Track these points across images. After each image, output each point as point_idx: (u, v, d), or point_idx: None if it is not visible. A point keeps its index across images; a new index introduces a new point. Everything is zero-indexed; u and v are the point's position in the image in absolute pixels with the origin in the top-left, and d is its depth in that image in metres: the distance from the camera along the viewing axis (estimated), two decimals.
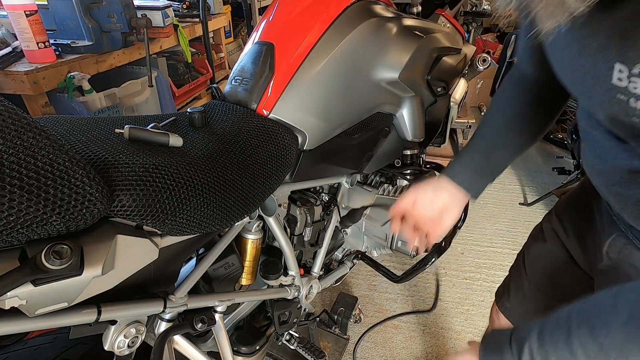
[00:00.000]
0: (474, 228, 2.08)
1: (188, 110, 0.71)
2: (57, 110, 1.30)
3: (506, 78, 0.73)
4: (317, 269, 1.04)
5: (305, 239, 0.97)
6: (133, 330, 0.59)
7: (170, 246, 0.60)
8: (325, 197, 1.05)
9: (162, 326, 0.67)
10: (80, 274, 0.44)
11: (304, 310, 1.07)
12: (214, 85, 2.27)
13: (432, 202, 0.69)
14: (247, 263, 0.87)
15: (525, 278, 0.80)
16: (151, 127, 0.63)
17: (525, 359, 0.46)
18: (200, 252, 0.77)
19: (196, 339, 0.82)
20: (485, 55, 1.22)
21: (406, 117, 1.00)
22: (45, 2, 1.36)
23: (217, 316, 0.75)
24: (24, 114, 0.38)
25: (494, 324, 0.91)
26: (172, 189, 0.53)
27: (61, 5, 1.36)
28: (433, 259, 1.14)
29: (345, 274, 1.22)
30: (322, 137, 0.83)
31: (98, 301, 0.51)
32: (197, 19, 2.01)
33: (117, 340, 0.58)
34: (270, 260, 0.92)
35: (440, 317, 1.57)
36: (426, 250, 1.18)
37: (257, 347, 0.93)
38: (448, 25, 1.17)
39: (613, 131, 0.47)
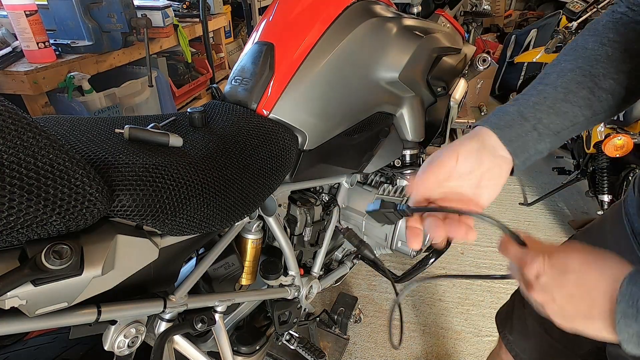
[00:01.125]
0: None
1: (188, 110, 0.71)
2: (57, 110, 1.30)
3: (600, 21, 0.52)
4: (317, 269, 1.04)
5: (305, 239, 0.97)
6: (133, 330, 0.59)
7: (170, 246, 0.60)
8: (325, 197, 1.05)
9: (162, 326, 0.67)
10: (80, 274, 0.44)
11: (304, 310, 1.07)
12: (214, 85, 2.27)
13: (472, 171, 0.46)
14: (247, 263, 0.87)
15: (528, 311, 0.75)
16: (151, 127, 0.63)
17: None
18: (200, 252, 0.77)
19: (196, 339, 0.82)
20: (485, 55, 1.22)
21: (406, 117, 1.00)
22: (45, 2, 1.36)
23: (217, 316, 0.75)
24: (24, 114, 0.38)
25: (501, 349, 0.85)
26: (172, 189, 0.53)
27: (61, 5, 1.36)
28: (433, 259, 1.14)
29: (345, 274, 1.22)
30: (322, 137, 0.83)
31: (98, 301, 0.51)
32: (197, 19, 2.01)
33: (117, 340, 0.58)
34: (270, 260, 0.92)
35: (440, 317, 1.57)
36: (427, 250, 1.18)
37: (257, 347, 0.93)
38: (448, 25, 1.17)
39: None
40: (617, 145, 1.64)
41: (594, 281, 0.35)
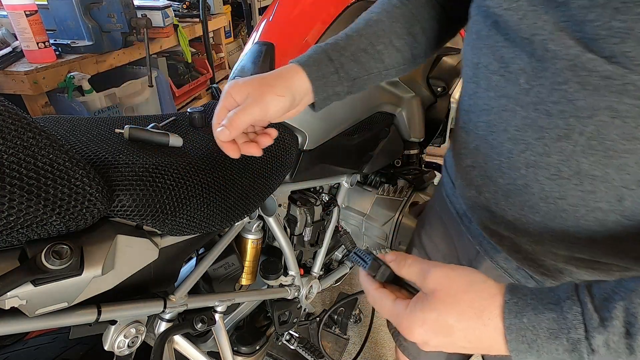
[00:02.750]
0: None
1: (188, 110, 0.71)
2: (57, 110, 1.30)
3: None
4: (317, 269, 1.04)
5: (305, 239, 0.97)
6: (133, 330, 0.59)
7: (170, 246, 0.60)
8: (325, 197, 1.05)
9: (162, 326, 0.67)
10: (80, 274, 0.44)
11: (304, 310, 1.07)
12: (215, 85, 2.26)
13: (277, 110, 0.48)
14: (247, 263, 0.87)
15: None
16: (151, 127, 0.63)
17: (617, 323, 0.28)
18: (200, 252, 0.77)
19: (196, 339, 0.82)
20: None
21: (406, 117, 1.00)
22: (45, 2, 1.36)
23: (217, 316, 0.75)
24: (24, 114, 0.38)
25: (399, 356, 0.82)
26: (172, 189, 0.53)
27: (61, 5, 1.36)
28: None
29: (345, 274, 1.22)
30: (322, 137, 0.83)
31: (98, 301, 0.51)
32: (197, 19, 2.01)
33: (117, 340, 0.58)
34: (270, 260, 0.92)
35: None
36: None
37: (257, 347, 0.93)
38: None
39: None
40: None
41: (481, 335, 0.32)
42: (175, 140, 0.61)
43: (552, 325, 0.29)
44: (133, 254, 0.51)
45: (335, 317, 1.38)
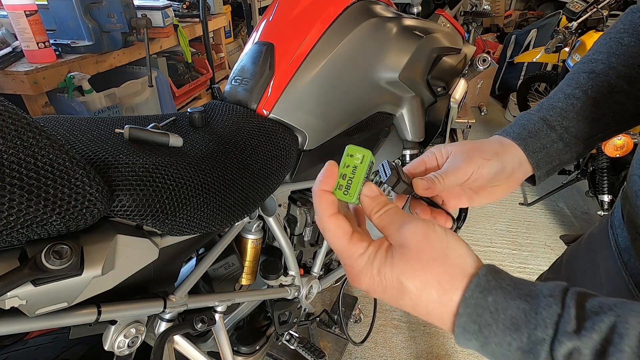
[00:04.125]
0: (474, 228, 2.08)
1: (188, 110, 0.71)
2: (57, 110, 1.30)
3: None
4: (317, 269, 1.04)
5: (305, 239, 0.97)
6: (133, 330, 0.59)
7: (170, 246, 0.60)
8: None
9: (162, 326, 0.67)
10: (80, 274, 0.44)
11: (304, 310, 1.07)
12: (216, 85, 2.26)
13: (482, 185, 0.44)
14: (247, 263, 0.87)
15: None
16: (151, 127, 0.63)
17: (596, 337, 0.23)
18: (200, 252, 0.78)
19: (196, 339, 0.82)
20: (485, 55, 1.22)
21: (406, 117, 1.00)
22: (45, 2, 1.36)
23: (217, 316, 0.75)
24: (24, 114, 0.38)
25: None
26: (172, 189, 0.53)
27: (61, 5, 1.36)
28: None
29: (345, 274, 1.22)
30: (322, 137, 0.83)
31: (98, 301, 0.51)
32: (197, 19, 2.01)
33: (117, 340, 0.58)
34: (270, 260, 0.92)
35: None
36: None
37: (257, 347, 0.93)
38: (448, 25, 1.17)
39: None
40: (617, 145, 1.64)
41: (433, 309, 0.29)
42: (175, 140, 0.61)
43: (519, 315, 0.25)
44: (133, 254, 0.51)
45: (335, 317, 1.38)
